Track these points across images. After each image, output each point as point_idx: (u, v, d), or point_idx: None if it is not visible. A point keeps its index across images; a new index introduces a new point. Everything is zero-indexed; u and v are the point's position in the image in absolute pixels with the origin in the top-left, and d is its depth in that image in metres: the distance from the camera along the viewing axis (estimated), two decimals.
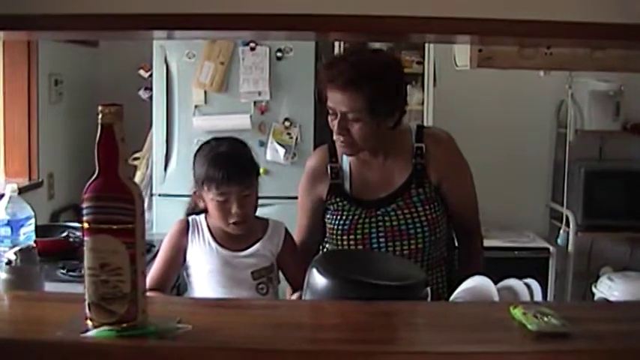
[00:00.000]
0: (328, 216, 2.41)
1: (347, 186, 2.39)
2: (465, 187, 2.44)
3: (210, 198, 2.21)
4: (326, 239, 2.44)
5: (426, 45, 4.26)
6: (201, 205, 2.27)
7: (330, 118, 2.29)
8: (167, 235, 2.31)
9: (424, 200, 2.33)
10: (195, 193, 2.28)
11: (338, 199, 2.38)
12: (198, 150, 2.29)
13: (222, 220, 2.21)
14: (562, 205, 4.66)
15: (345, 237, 2.36)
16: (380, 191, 2.34)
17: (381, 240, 2.33)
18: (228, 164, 2.20)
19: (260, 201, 2.30)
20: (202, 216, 2.30)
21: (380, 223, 2.32)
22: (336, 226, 2.37)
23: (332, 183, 2.40)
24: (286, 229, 2.34)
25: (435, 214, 2.34)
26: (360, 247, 2.34)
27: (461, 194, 2.42)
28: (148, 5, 1.43)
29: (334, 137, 2.30)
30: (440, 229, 2.37)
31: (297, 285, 2.20)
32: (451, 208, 2.40)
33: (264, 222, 2.33)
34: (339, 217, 2.37)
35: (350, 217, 2.35)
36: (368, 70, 2.22)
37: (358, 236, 2.34)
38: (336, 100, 2.22)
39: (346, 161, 2.41)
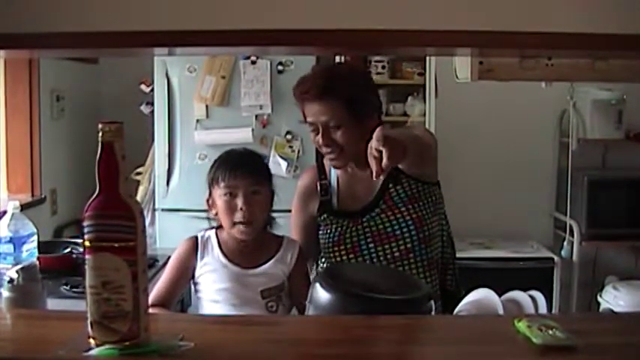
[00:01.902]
0: (320, 232, 2.43)
1: (334, 201, 2.42)
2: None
3: (218, 195, 2.21)
4: (320, 255, 2.44)
5: (427, 56, 4.27)
6: (213, 212, 2.26)
7: (312, 135, 2.32)
8: (175, 251, 2.30)
9: (406, 200, 2.32)
10: (207, 200, 2.28)
11: (326, 215, 2.40)
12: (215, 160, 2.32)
13: (228, 219, 2.20)
14: (566, 215, 4.65)
15: (335, 249, 2.36)
16: (362, 200, 2.36)
17: (370, 246, 2.33)
18: (236, 160, 2.24)
19: None
20: (213, 231, 2.29)
21: (367, 229, 2.33)
22: (326, 240, 2.39)
23: (322, 200, 2.43)
24: (300, 248, 2.32)
25: (421, 212, 2.33)
26: (351, 256, 2.34)
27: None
28: (148, 23, 1.43)
29: (322, 152, 2.33)
30: (428, 227, 2.34)
31: (298, 303, 2.21)
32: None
33: (279, 239, 2.32)
34: (328, 231, 2.39)
35: (338, 229, 2.37)
36: (337, 75, 2.32)
37: (348, 246, 2.35)
38: (314, 111, 2.27)
39: (334, 177, 2.44)
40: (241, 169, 2.19)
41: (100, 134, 1.32)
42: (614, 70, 2.22)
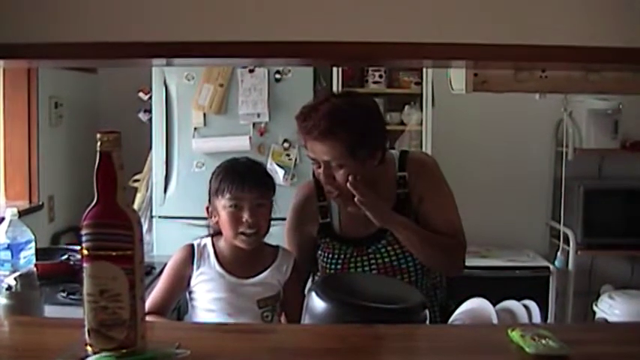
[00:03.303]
0: (320, 252, 2.42)
1: (336, 224, 2.40)
2: (442, 210, 2.35)
3: (222, 206, 2.20)
4: (319, 273, 2.44)
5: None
6: (214, 220, 2.26)
7: (314, 167, 2.29)
8: (171, 259, 2.30)
9: None
10: (207, 208, 2.28)
11: (328, 239, 2.39)
12: (217, 167, 2.30)
13: (232, 230, 2.19)
14: (562, 224, 4.67)
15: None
16: (368, 227, 2.31)
17: None
18: (242, 172, 2.22)
19: None
20: (209, 239, 2.29)
21: (372, 261, 2.32)
22: (328, 265, 2.38)
23: (321, 222, 2.41)
24: (295, 260, 2.32)
25: None
26: None
27: (438, 216, 2.33)
28: (146, 34, 1.45)
29: (323, 185, 2.30)
30: None
31: (290, 315, 2.22)
32: (430, 230, 2.31)
33: (275, 249, 2.32)
34: (330, 256, 2.38)
35: (342, 257, 2.36)
36: (341, 116, 2.21)
37: None
38: (315, 150, 2.22)
39: None
40: (248, 182, 2.18)
41: (99, 144, 1.33)
42: (608, 82, 2.24)
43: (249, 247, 2.21)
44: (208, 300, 2.21)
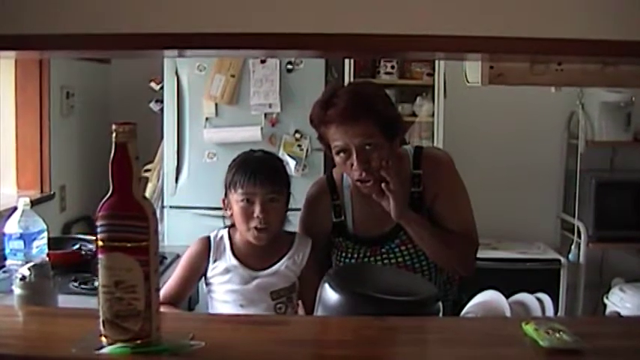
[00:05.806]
0: (334, 249, 2.41)
1: (349, 224, 2.38)
2: (457, 209, 2.35)
3: (235, 200, 2.21)
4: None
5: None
6: (229, 212, 2.27)
7: (339, 159, 2.23)
8: (188, 250, 2.32)
9: None
10: (223, 200, 2.29)
11: (341, 238, 2.37)
12: (233, 160, 2.30)
13: (244, 225, 2.20)
14: (573, 216, 4.66)
15: None
16: (382, 226, 2.31)
17: None
18: (255, 166, 2.22)
19: None
20: (225, 231, 2.30)
21: (386, 261, 2.32)
22: (342, 264, 2.37)
23: (335, 222, 2.38)
24: (312, 247, 2.31)
25: None
26: None
27: (452, 215, 2.33)
28: (159, 25, 1.44)
29: (354, 178, 2.24)
30: None
31: (307, 304, 2.22)
32: (443, 229, 2.32)
33: (291, 236, 2.32)
34: (344, 255, 2.37)
35: (355, 256, 2.35)
36: (365, 98, 2.22)
37: None
38: (347, 134, 2.17)
39: (348, 197, 2.38)
40: (260, 177, 2.18)
41: (114, 135, 1.34)
42: (624, 75, 2.22)
43: (260, 243, 2.22)
44: (224, 291, 2.23)
